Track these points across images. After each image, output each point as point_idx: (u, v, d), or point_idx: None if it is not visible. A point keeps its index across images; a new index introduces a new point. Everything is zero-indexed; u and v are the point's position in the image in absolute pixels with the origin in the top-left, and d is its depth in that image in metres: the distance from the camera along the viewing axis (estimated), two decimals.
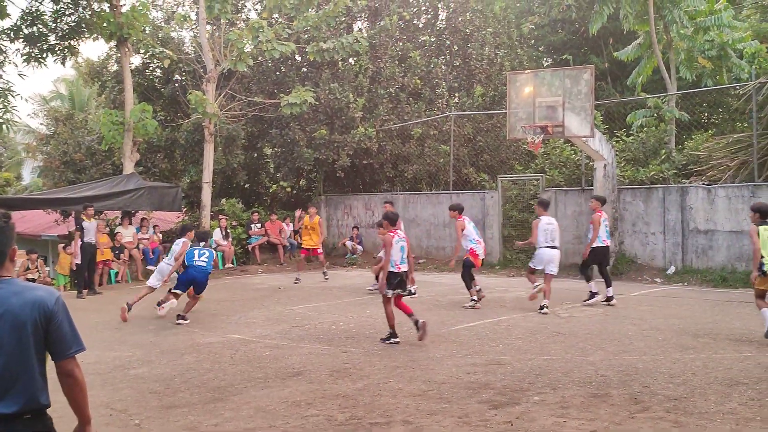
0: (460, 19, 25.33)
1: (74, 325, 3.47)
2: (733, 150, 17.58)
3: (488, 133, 24.39)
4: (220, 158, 22.16)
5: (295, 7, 21.40)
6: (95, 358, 8.96)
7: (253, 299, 14.61)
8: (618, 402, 6.58)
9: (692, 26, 20.76)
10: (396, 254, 9.84)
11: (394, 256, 9.83)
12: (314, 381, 7.60)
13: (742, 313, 11.65)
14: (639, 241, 17.50)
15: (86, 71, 27.43)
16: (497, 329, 10.51)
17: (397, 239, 9.93)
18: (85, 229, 16.38)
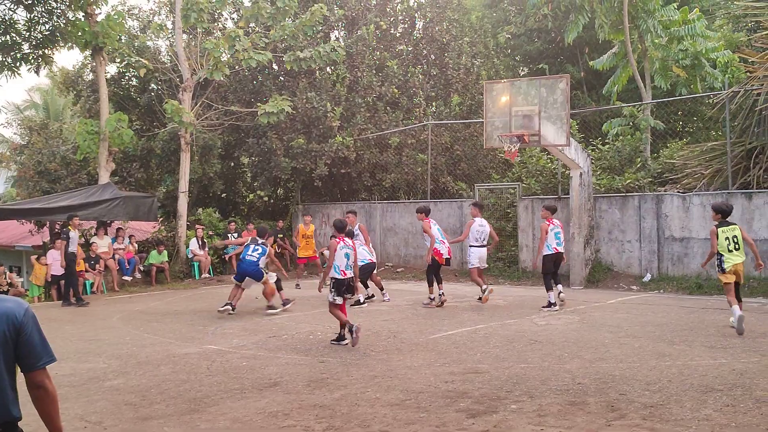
0: (437, 28, 25.42)
1: (44, 336, 3.42)
2: (708, 158, 17.75)
3: (465, 142, 24.46)
4: (196, 167, 22.05)
5: (272, 16, 21.39)
6: (70, 369, 8.85)
7: None
8: (595, 410, 6.59)
9: (666, 36, 21.00)
10: (341, 260, 10.15)
11: (338, 261, 10.14)
12: (291, 391, 7.56)
13: (717, 320, 11.73)
14: (615, 248, 17.61)
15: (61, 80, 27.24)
16: (475, 337, 10.51)
17: (342, 245, 10.24)
18: (71, 238, 16.32)
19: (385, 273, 21.06)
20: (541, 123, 14.49)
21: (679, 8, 21.35)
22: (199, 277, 20.41)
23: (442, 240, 14.27)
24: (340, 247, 10.20)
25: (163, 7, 25.36)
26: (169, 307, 15.27)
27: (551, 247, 13.73)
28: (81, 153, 20.55)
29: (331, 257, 10.21)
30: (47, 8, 19.47)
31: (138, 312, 14.46)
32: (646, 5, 20.57)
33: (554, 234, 13.81)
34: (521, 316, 12.65)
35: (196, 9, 20.32)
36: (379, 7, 25.41)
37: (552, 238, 13.76)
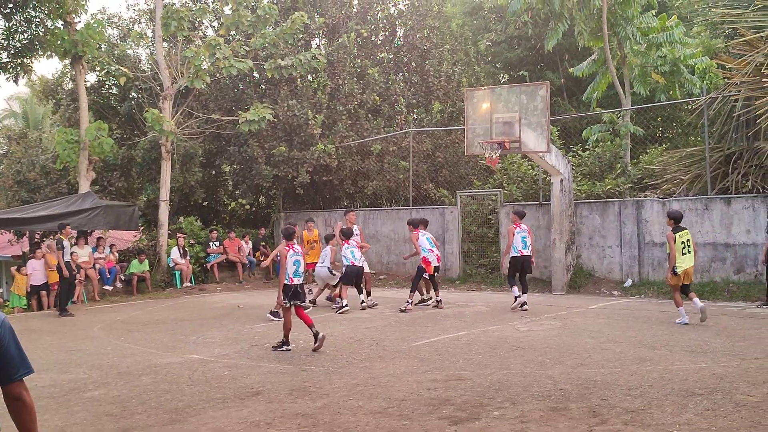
0: (417, 36, 25.50)
1: (21, 347, 3.38)
2: (687, 164, 17.89)
3: (447, 148, 24.54)
4: (177, 176, 21.97)
5: (253, 24, 21.37)
6: (50, 380, 8.78)
7: (211, 318, 14.46)
8: (577, 415, 6.61)
9: (645, 43, 21.18)
10: (290, 267, 10.39)
11: (288, 269, 10.38)
12: (273, 400, 7.53)
13: (697, 324, 11.80)
14: (596, 254, 17.69)
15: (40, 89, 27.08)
16: (457, 344, 10.52)
17: (292, 253, 10.46)
18: (64, 248, 16.31)
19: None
20: (521, 130, 14.56)
21: (657, 15, 21.53)
22: (181, 286, 20.30)
23: (430, 249, 14.89)
24: (290, 254, 10.44)
25: (143, 15, 25.29)
26: (150, 316, 15.18)
27: (517, 250, 14.49)
28: (61, 162, 20.42)
29: (283, 265, 10.48)
30: (26, 17, 19.35)
31: (119, 322, 14.37)
32: (625, 12, 20.73)
33: (520, 237, 14.49)
34: (503, 322, 12.68)
35: (176, 17, 20.27)
36: (359, 14, 25.46)
37: (518, 242, 14.46)
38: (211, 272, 21.45)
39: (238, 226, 24.59)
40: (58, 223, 16.78)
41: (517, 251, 14.47)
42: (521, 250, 14.44)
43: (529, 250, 14.57)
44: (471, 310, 14.49)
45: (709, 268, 15.93)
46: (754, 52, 15.95)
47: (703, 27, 24.85)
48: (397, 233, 21.44)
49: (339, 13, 24.88)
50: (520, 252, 14.44)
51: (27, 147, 25.04)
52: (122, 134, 24.63)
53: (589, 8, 20.78)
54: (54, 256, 17.73)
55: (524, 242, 14.51)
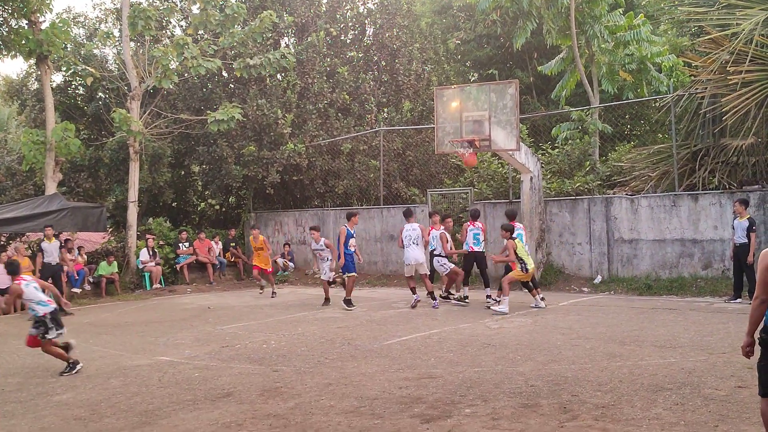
0: (387, 34, 25.49)
1: None
2: (655, 161, 18.08)
3: (417, 147, 24.57)
4: (146, 177, 21.76)
5: (221, 23, 21.24)
6: (17, 385, 8.66)
7: (181, 320, 14.35)
8: (548, 412, 6.64)
9: (613, 41, 21.35)
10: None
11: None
12: (245, 401, 7.48)
13: (666, 320, 11.92)
14: (566, 251, 17.80)
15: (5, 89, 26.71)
16: (429, 342, 10.53)
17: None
18: (45, 250, 16.31)
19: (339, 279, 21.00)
20: (491, 128, 14.62)
21: (624, 14, 21.73)
22: (150, 288, 20.12)
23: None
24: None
25: (109, 14, 25.05)
26: (119, 318, 15.03)
27: (468, 246, 15.20)
28: (27, 163, 20.14)
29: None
30: None
31: (87, 324, 14.19)
32: (593, 11, 20.90)
33: (473, 235, 15.18)
34: (475, 320, 12.72)
35: (143, 16, 20.07)
36: (329, 13, 25.41)
37: (470, 238, 15.15)
38: (181, 273, 21.28)
39: (208, 227, 24.44)
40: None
41: (469, 248, 15.18)
42: (472, 247, 15.12)
43: (482, 247, 15.24)
44: (442, 308, 14.51)
45: (677, 264, 16.09)
46: (719, 50, 16.14)
47: (669, 25, 25.13)
48: (368, 232, 21.41)
49: (308, 12, 24.81)
50: (471, 248, 15.14)
51: None
52: (89, 135, 24.35)
53: (557, 6, 20.91)
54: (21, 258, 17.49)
55: (476, 239, 15.15)
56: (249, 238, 17.73)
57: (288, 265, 22.35)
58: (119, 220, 23.03)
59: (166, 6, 22.88)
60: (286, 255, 22.55)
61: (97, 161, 23.00)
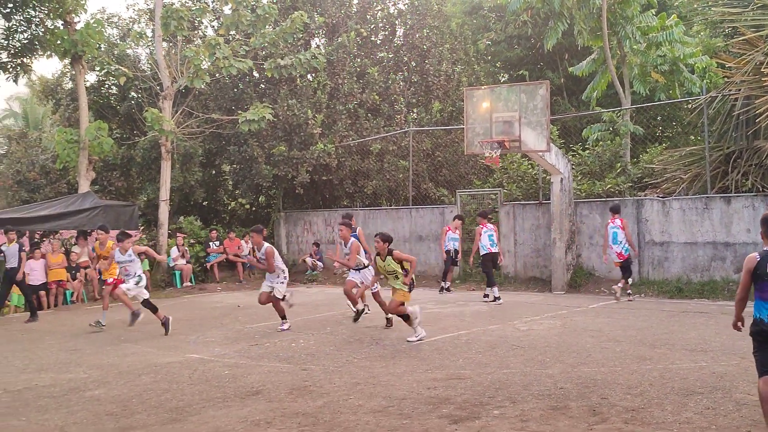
0: (417, 35, 25.49)
1: None
2: (687, 163, 17.89)
3: (447, 148, 24.53)
4: (177, 176, 21.96)
5: (252, 23, 21.36)
6: (50, 380, 8.78)
7: (211, 318, 14.47)
8: (577, 414, 6.61)
9: (645, 42, 21.16)
10: None
11: None
12: (273, 399, 7.53)
13: (697, 323, 11.81)
14: (596, 253, 17.66)
15: (40, 89, 27.08)
16: (457, 343, 10.52)
17: None
18: (4, 253, 15.05)
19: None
20: (521, 129, 14.56)
21: (657, 14, 21.53)
22: (181, 286, 20.32)
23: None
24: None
25: (142, 15, 25.29)
26: (150, 316, 15.13)
27: (485, 248, 15.67)
28: (60, 162, 20.43)
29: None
30: (25, 17, 19.36)
31: (118, 321, 14.34)
32: (625, 12, 20.73)
33: (487, 236, 15.71)
34: (503, 321, 12.68)
35: (175, 17, 20.25)
36: (359, 14, 25.45)
37: (486, 240, 15.67)
38: (211, 272, 21.46)
39: (238, 226, 24.59)
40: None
41: (486, 249, 15.68)
42: (489, 248, 15.67)
43: (497, 248, 15.77)
44: (471, 309, 14.49)
45: (708, 267, 15.92)
46: (753, 51, 15.95)
47: (702, 26, 24.82)
48: (396, 233, 21.39)
49: (339, 12, 24.87)
50: (489, 249, 15.66)
51: (27, 147, 25.05)
52: (122, 134, 24.62)
53: (588, 7, 20.78)
54: (54, 255, 17.77)
55: (491, 240, 15.71)
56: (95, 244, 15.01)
57: (317, 265, 22.42)
58: (151, 218, 23.25)
59: (199, 6, 23.01)
60: (314, 255, 22.62)
61: (130, 160, 23.26)
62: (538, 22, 27.38)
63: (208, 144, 23.64)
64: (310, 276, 22.02)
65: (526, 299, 16.13)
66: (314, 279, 21.86)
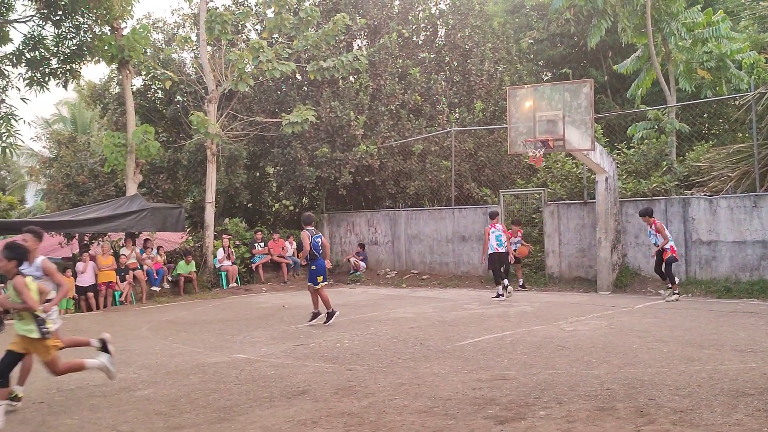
0: (459, 35, 25.46)
1: None
2: (734, 160, 17.60)
3: (489, 147, 24.46)
4: (222, 178, 22.23)
5: (295, 26, 21.54)
6: (101, 380, 8.94)
7: (257, 318, 14.61)
8: (624, 415, 6.56)
9: (690, 38, 20.87)
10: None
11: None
12: (319, 399, 7.58)
13: (746, 323, 11.62)
14: (642, 253, 17.47)
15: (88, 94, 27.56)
16: (502, 344, 10.49)
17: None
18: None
19: (411, 280, 21.09)
20: (565, 128, 14.48)
21: (703, 10, 21.23)
22: (227, 287, 20.55)
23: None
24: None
25: (187, 19, 25.63)
26: (197, 316, 15.38)
27: (493, 248, 15.98)
28: (108, 165, 20.79)
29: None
30: (74, 24, 19.76)
31: (167, 322, 14.58)
32: (670, 8, 20.48)
33: (495, 237, 16.02)
34: (548, 322, 12.60)
35: (219, 21, 20.52)
36: (401, 15, 25.50)
37: (493, 240, 15.98)
38: (256, 273, 21.66)
39: (282, 227, 24.79)
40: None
41: (494, 249, 15.97)
42: (497, 248, 15.95)
43: (504, 248, 16.04)
44: (515, 309, 14.42)
45: (758, 266, 15.65)
46: None
47: (750, 21, 24.39)
48: (439, 233, 21.44)
49: (380, 13, 24.95)
50: (496, 249, 15.96)
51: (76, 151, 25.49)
52: (168, 137, 24.97)
53: (632, 4, 20.57)
54: (104, 257, 18.11)
55: (499, 240, 16.02)
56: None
57: (360, 265, 22.52)
58: (197, 220, 23.57)
59: (242, 11, 23.28)
60: (358, 255, 22.72)
61: (176, 163, 23.59)
62: (581, 20, 27.19)
63: (252, 146, 23.89)
64: (353, 277, 22.12)
65: (571, 299, 16.02)
66: (358, 279, 21.95)
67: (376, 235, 23.17)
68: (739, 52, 20.61)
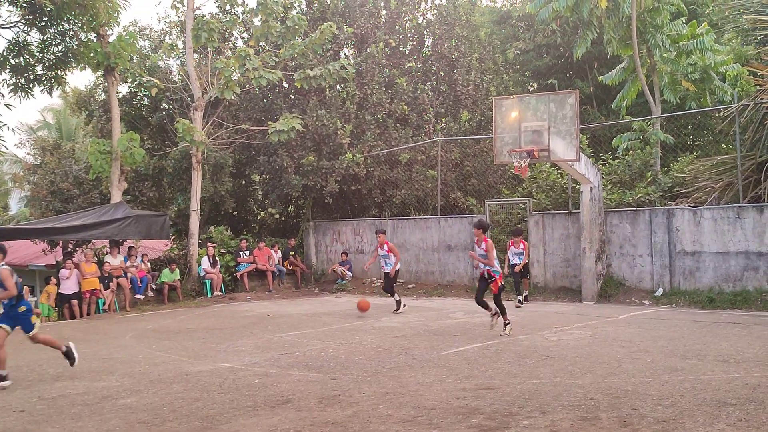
0: (446, 45, 25.53)
1: None
2: (718, 172, 17.73)
3: (475, 157, 24.53)
4: (208, 186, 22.17)
5: (282, 35, 21.55)
6: (83, 388, 8.89)
7: (241, 327, 14.56)
8: (607, 425, 6.57)
9: (675, 50, 21.01)
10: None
11: None
12: (303, 408, 7.57)
13: (729, 334, 11.68)
14: (626, 263, 17.56)
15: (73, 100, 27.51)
16: (486, 353, 10.50)
17: None
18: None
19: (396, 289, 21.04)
20: (550, 138, 14.53)
21: (687, 23, 21.38)
22: (211, 295, 20.47)
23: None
24: None
25: (174, 27, 25.61)
26: (181, 325, 15.32)
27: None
28: (93, 172, 20.70)
29: None
30: (60, 30, 19.67)
31: (150, 330, 14.52)
32: (655, 20, 20.61)
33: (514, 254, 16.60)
34: (533, 331, 12.63)
35: (206, 29, 20.49)
36: (388, 24, 25.56)
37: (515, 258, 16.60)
38: (241, 281, 21.60)
39: (268, 236, 24.75)
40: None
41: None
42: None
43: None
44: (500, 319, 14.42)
45: (741, 277, 15.75)
46: None
47: (734, 34, 24.59)
48: (425, 242, 21.46)
49: (368, 23, 25.00)
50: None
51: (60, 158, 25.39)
52: (153, 145, 24.90)
53: (618, 16, 20.69)
54: (88, 264, 18.02)
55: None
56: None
57: (346, 274, 22.50)
58: (181, 228, 23.48)
59: (229, 18, 23.28)
60: (342, 264, 22.70)
61: (161, 170, 23.51)
62: (567, 31, 27.32)
63: (238, 154, 23.86)
64: (339, 285, 22.09)
65: (556, 309, 16.06)
66: (343, 288, 21.93)
67: (362, 243, 23.16)
68: (723, 65, 20.77)
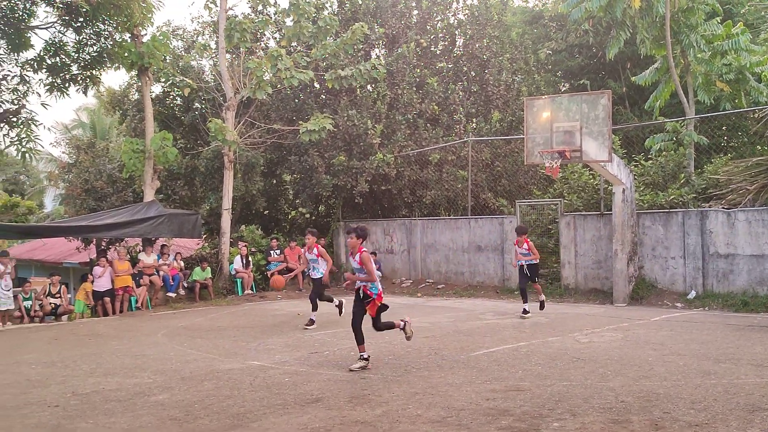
0: (477, 45, 25.47)
1: None
2: (753, 173, 17.49)
3: (506, 158, 24.44)
4: (239, 185, 22.31)
5: (314, 35, 21.63)
6: (116, 384, 9.00)
7: (272, 325, 14.64)
8: (638, 428, 6.53)
9: (709, 50, 20.76)
10: None
11: None
12: (333, 407, 7.60)
13: (763, 337, 11.53)
14: (659, 265, 17.40)
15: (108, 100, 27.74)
16: (516, 355, 10.46)
17: None
18: None
19: (426, 289, 21.07)
20: (582, 139, 14.44)
21: (722, 23, 21.12)
22: (242, 294, 20.60)
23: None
24: None
25: (206, 27, 25.77)
26: (212, 323, 15.43)
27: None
28: (127, 171, 20.90)
29: None
30: (95, 30, 19.89)
31: (182, 328, 14.64)
32: (689, 20, 20.40)
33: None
34: (563, 333, 12.56)
35: (239, 29, 20.64)
36: (419, 25, 25.55)
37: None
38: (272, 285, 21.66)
39: (299, 235, 24.80)
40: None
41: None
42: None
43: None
44: (530, 320, 14.38)
45: None
46: None
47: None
48: (455, 242, 21.41)
49: (399, 23, 25.01)
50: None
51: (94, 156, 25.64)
52: (186, 144, 25.08)
53: (651, 16, 20.51)
54: (121, 262, 18.23)
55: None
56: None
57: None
58: (213, 227, 23.63)
59: (261, 19, 23.39)
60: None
61: (193, 170, 23.69)
62: (599, 31, 27.12)
63: (269, 154, 23.96)
64: None
65: (587, 311, 15.95)
66: None
67: (392, 243, 23.18)
68: (758, 65, 20.50)
